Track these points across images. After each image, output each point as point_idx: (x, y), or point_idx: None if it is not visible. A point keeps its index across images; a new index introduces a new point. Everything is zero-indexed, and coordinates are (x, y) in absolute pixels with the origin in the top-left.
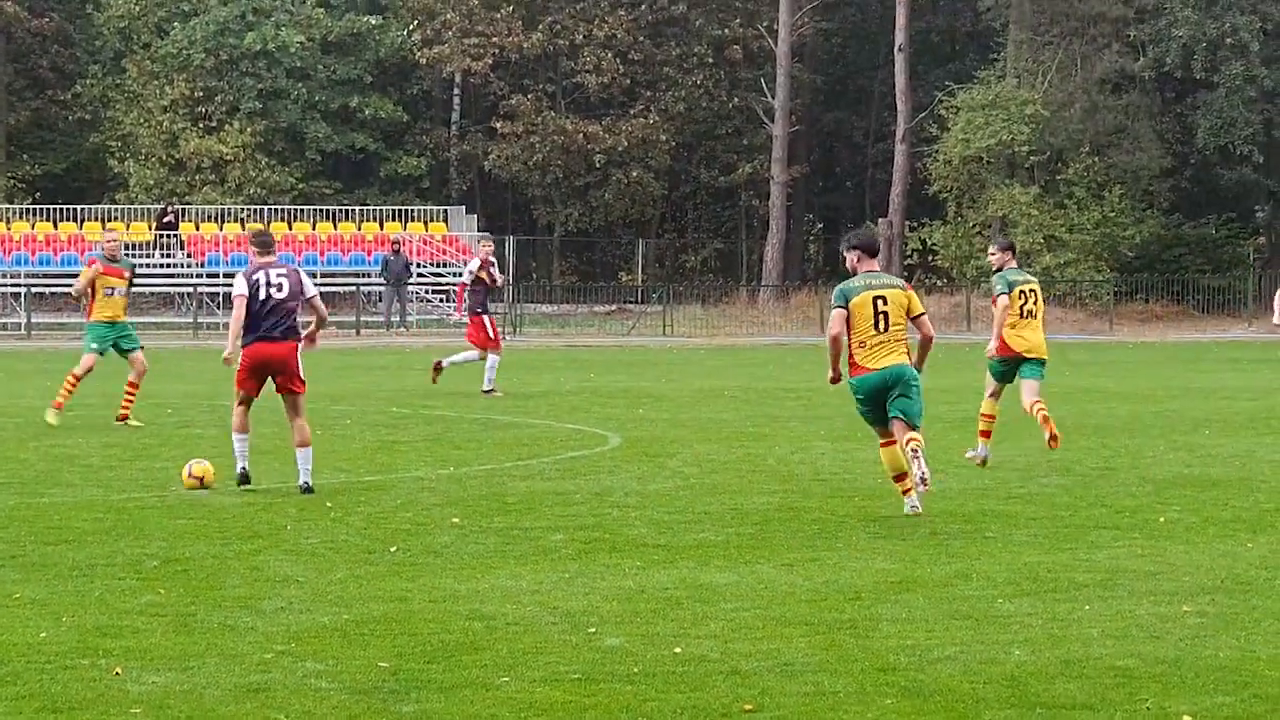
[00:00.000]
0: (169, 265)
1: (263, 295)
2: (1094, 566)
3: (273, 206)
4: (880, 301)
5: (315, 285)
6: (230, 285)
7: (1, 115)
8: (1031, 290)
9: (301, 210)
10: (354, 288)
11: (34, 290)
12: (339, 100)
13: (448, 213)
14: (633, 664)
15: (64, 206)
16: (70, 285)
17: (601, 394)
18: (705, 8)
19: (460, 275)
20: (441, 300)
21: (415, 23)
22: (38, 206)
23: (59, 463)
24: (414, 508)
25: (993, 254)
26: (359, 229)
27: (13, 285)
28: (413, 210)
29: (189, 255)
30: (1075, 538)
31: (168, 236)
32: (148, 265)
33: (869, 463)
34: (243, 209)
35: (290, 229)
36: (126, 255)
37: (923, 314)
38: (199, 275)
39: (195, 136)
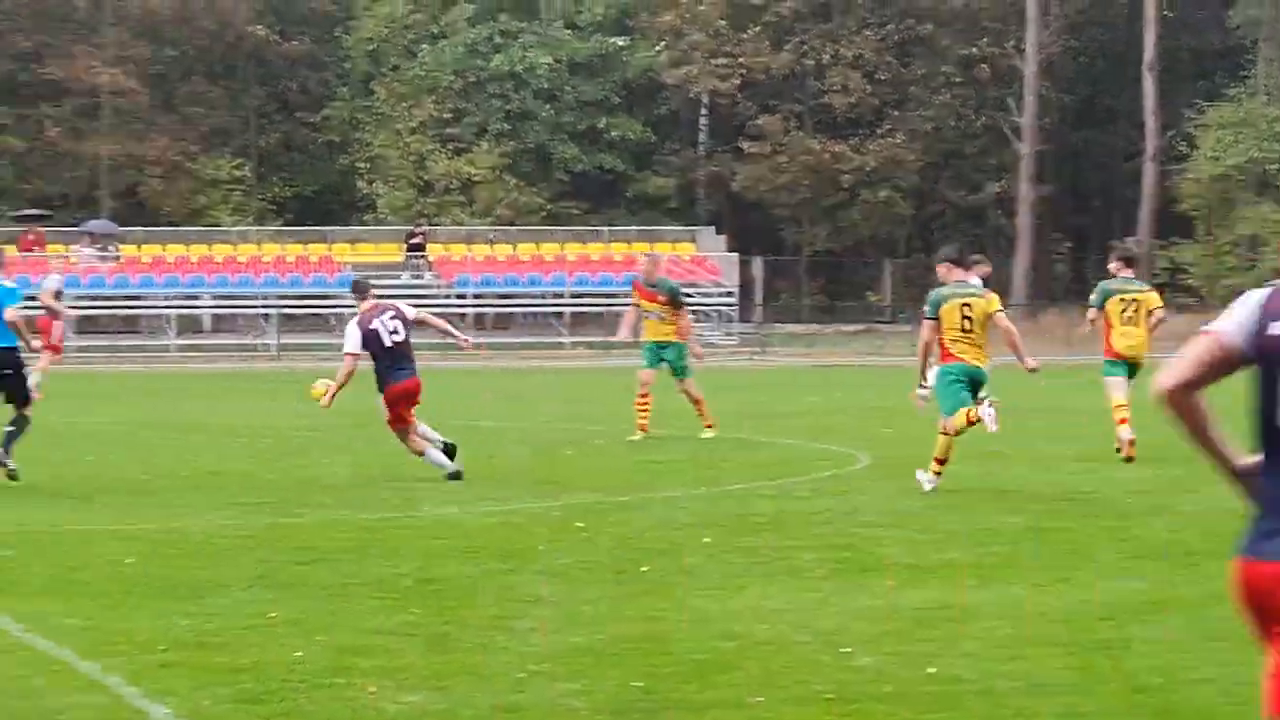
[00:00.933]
0: (417, 286)
1: (387, 344)
2: None
3: (520, 227)
4: (965, 308)
5: (415, 307)
6: (478, 306)
7: (252, 138)
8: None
9: (550, 231)
10: (603, 308)
11: (284, 312)
12: (587, 121)
13: (696, 233)
14: (885, 684)
15: (313, 228)
16: (317, 308)
17: (851, 413)
18: (953, 27)
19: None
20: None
21: (662, 43)
22: (287, 228)
23: (310, 483)
24: (666, 527)
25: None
26: (607, 249)
27: (263, 306)
28: (661, 230)
29: (437, 276)
30: None
31: (416, 257)
32: (396, 286)
33: (1119, 483)
34: (491, 230)
35: (538, 249)
36: (373, 276)
37: (999, 311)
38: (447, 296)
39: (443, 158)
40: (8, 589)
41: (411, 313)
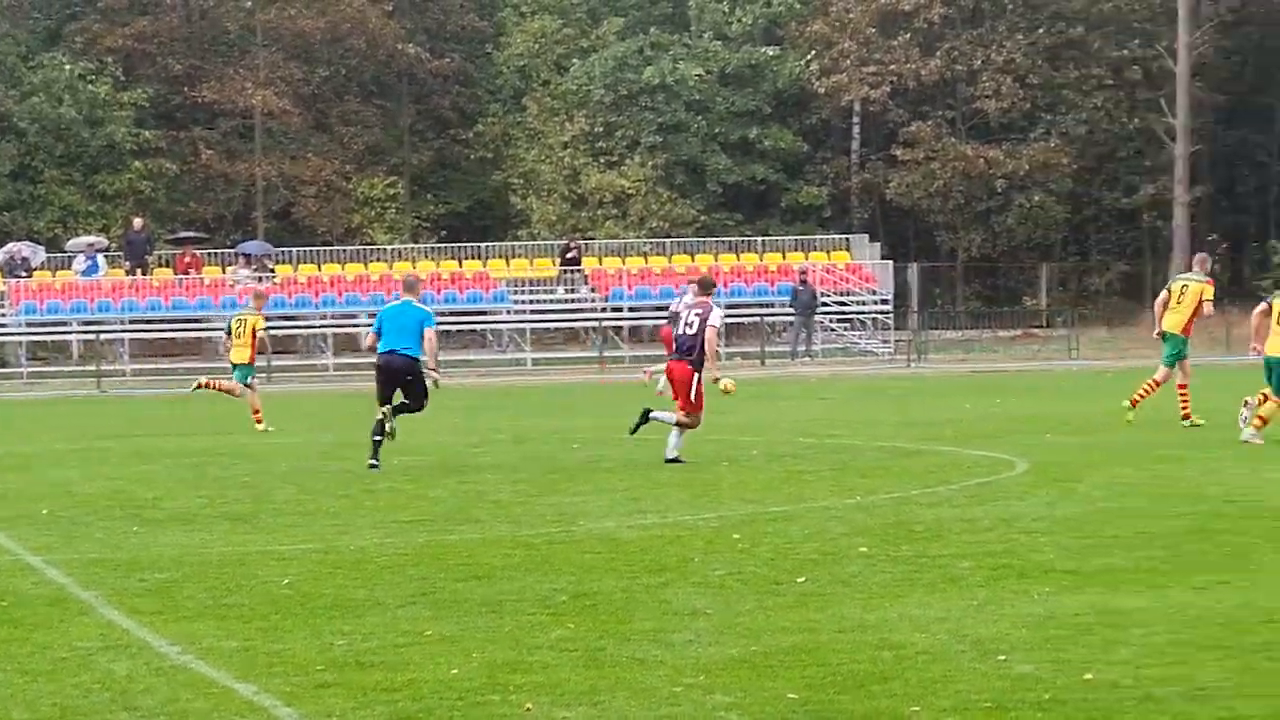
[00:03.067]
0: (573, 300)
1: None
2: None
3: (675, 239)
4: None
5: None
6: (634, 318)
7: (406, 155)
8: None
9: (704, 242)
10: (758, 318)
11: (440, 328)
12: (738, 132)
13: (850, 241)
14: (1044, 691)
15: (468, 244)
16: (473, 324)
17: (1008, 419)
18: (1103, 30)
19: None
20: (846, 329)
21: (812, 53)
22: (443, 245)
23: (468, 500)
24: (821, 538)
25: None
26: (761, 259)
27: (429, 323)
28: (815, 239)
29: (593, 290)
30: None
31: (571, 272)
32: (552, 301)
33: None
34: (645, 242)
35: (693, 260)
36: (528, 291)
37: None
38: (603, 309)
39: (596, 171)
40: (165, 611)
41: None
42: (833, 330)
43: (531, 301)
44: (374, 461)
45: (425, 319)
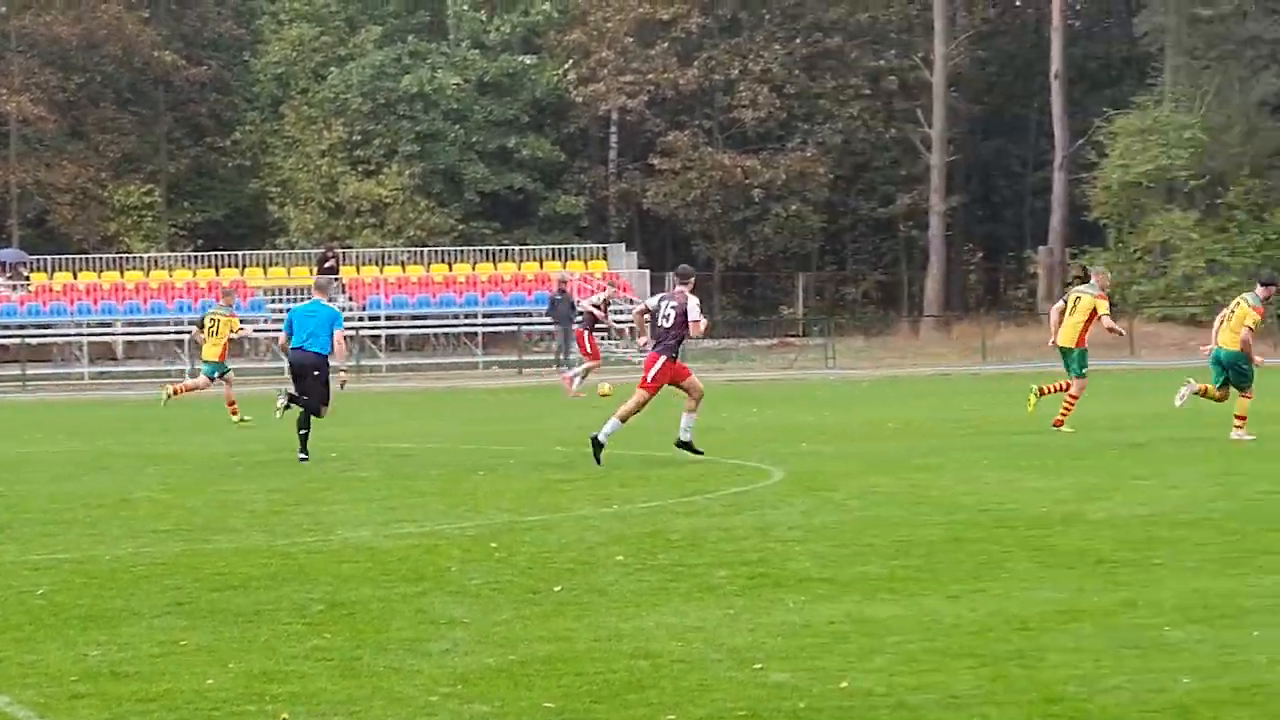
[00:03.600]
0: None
1: None
2: (1262, 591)
3: (432, 248)
4: None
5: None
6: (391, 327)
7: (162, 163)
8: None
9: (461, 251)
10: (515, 327)
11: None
12: (496, 141)
13: (607, 250)
14: (799, 699)
15: (225, 253)
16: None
17: (764, 428)
18: (860, 40)
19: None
20: (604, 338)
21: (570, 62)
22: (200, 254)
23: (225, 509)
24: (578, 546)
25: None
26: (519, 268)
27: (176, 332)
28: (573, 249)
29: (350, 299)
30: (1244, 562)
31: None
32: None
33: (1035, 491)
34: (403, 251)
35: (450, 270)
36: (287, 299)
37: None
38: (361, 318)
39: (354, 180)
40: None
41: None
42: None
43: (289, 310)
44: (303, 455)
45: (335, 319)
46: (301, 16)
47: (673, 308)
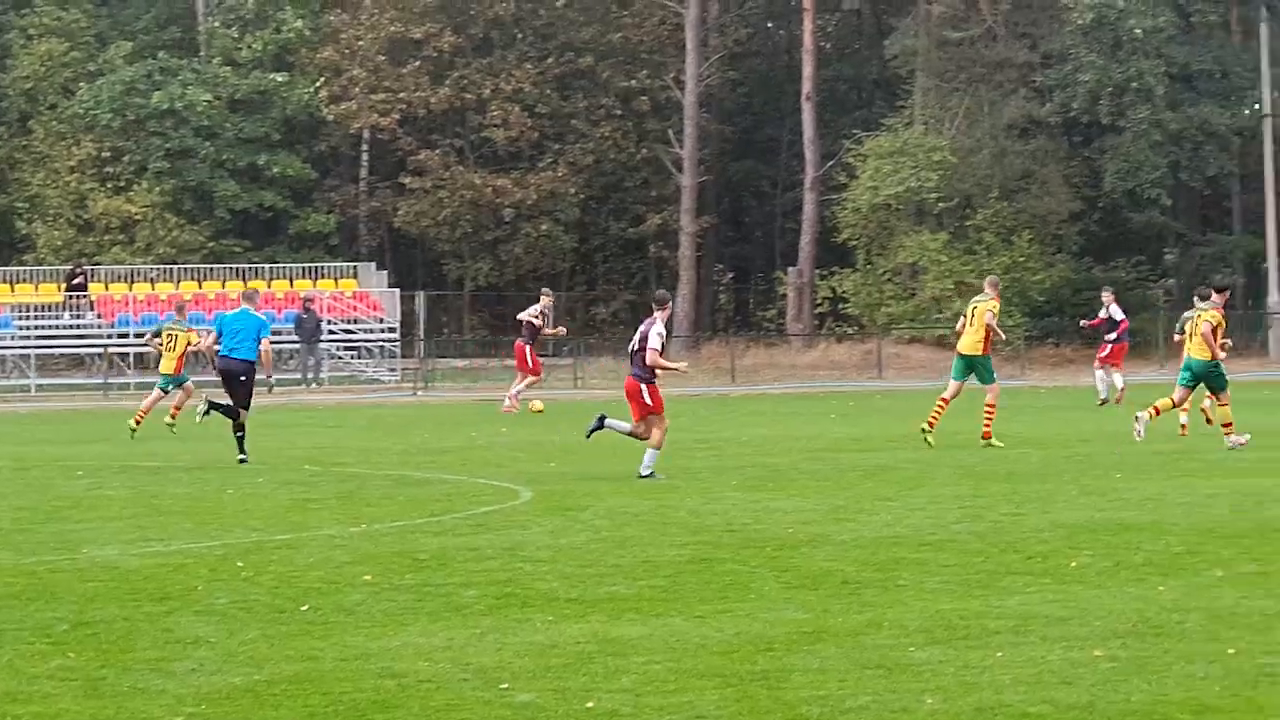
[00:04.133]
0: (79, 326)
1: None
2: (1006, 613)
3: (182, 265)
4: None
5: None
6: (140, 345)
7: None
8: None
9: (211, 269)
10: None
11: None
12: (247, 158)
13: (357, 269)
14: (545, 719)
15: None
16: None
17: (514, 447)
18: (612, 60)
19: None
20: (354, 356)
21: (322, 80)
22: None
23: None
24: (326, 566)
25: None
26: (269, 286)
27: None
28: (323, 267)
29: (99, 316)
30: (987, 584)
31: (77, 297)
32: (57, 326)
33: (781, 512)
34: (152, 268)
35: (200, 287)
36: (34, 317)
37: None
38: (109, 336)
39: (103, 196)
40: None
41: None
42: (339, 358)
43: (36, 327)
44: (242, 455)
45: (262, 327)
46: (51, 31)
47: (640, 333)
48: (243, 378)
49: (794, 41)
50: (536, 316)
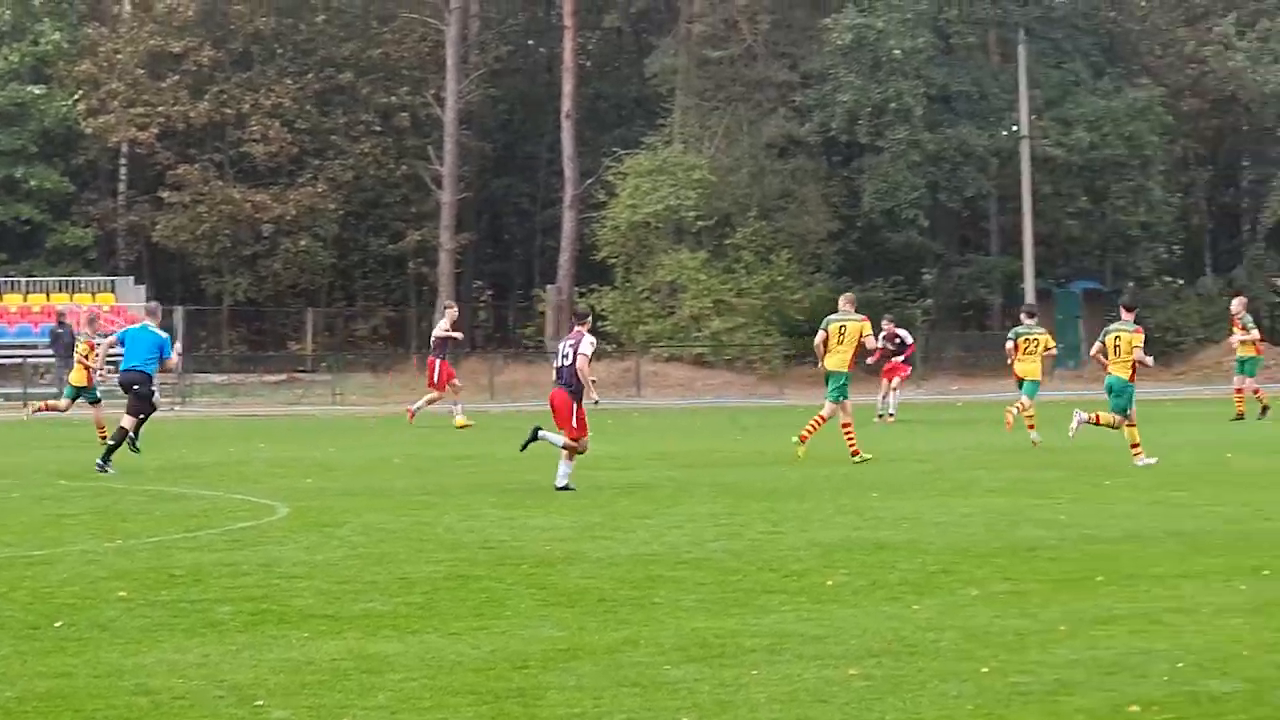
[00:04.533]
0: None
1: None
2: (761, 631)
3: None
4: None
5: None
6: None
7: None
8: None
9: None
10: (21, 360)
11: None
12: (3, 171)
13: (115, 283)
14: None
15: None
16: None
17: (271, 463)
18: (373, 76)
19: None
20: (110, 371)
21: (80, 92)
22: None
23: None
24: (80, 581)
25: None
26: (25, 300)
27: None
28: (81, 281)
29: None
30: (743, 602)
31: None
32: None
33: (537, 530)
34: None
35: None
36: None
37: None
38: None
39: None
40: None
41: None
42: (97, 372)
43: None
44: (102, 463)
45: (164, 344)
46: None
47: (570, 345)
48: (136, 386)
49: (555, 59)
50: (449, 330)
